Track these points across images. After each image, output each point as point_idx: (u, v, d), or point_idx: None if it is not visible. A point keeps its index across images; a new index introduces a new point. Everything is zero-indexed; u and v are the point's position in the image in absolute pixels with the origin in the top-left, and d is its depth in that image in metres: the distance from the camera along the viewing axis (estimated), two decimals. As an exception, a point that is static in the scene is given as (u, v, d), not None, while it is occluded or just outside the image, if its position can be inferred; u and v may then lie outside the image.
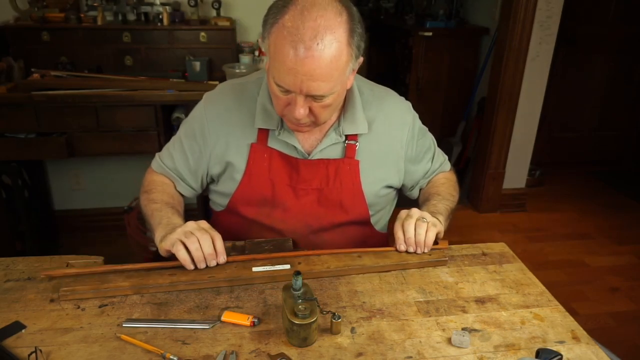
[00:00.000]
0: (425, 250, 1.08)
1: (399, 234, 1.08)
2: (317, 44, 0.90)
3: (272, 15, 0.95)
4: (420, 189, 1.32)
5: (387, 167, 1.21)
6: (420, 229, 1.06)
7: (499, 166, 3.19)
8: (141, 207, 1.16)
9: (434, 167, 1.31)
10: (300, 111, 0.98)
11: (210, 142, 1.17)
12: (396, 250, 1.09)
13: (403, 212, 1.10)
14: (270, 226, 1.19)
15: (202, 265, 1.00)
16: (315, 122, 1.05)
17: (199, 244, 0.99)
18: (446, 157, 1.36)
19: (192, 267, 1.00)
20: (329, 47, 0.91)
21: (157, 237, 1.04)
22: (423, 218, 1.07)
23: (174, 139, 1.24)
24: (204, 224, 1.03)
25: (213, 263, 1.01)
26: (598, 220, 3.22)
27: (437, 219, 1.11)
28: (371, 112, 1.18)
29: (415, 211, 1.09)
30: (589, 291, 2.51)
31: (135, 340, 0.83)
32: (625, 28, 3.67)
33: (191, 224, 1.02)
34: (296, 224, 1.18)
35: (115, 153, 2.26)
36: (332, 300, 0.96)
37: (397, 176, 1.24)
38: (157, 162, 1.25)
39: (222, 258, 1.02)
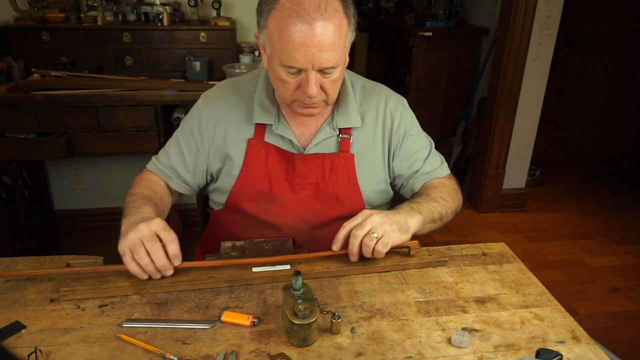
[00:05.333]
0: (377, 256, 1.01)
1: (341, 234, 1.00)
2: (322, 14, 0.93)
3: (266, 4, 0.98)
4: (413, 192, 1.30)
5: (380, 161, 1.21)
6: (366, 247, 0.99)
7: (499, 166, 3.19)
8: None
9: (424, 169, 1.24)
10: (314, 87, 0.99)
11: (208, 138, 1.17)
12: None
13: (360, 215, 1.01)
14: (268, 222, 1.19)
15: (157, 276, 0.95)
16: (326, 101, 1.06)
17: (148, 257, 0.92)
18: (445, 163, 1.29)
19: (145, 277, 0.95)
20: (332, 16, 0.94)
21: (121, 233, 0.97)
22: (374, 234, 0.98)
23: (170, 139, 1.24)
24: (156, 224, 0.94)
25: (169, 273, 0.96)
26: (598, 220, 3.22)
27: (412, 217, 1.04)
28: (363, 106, 1.19)
29: (372, 220, 0.99)
30: (589, 291, 2.51)
31: (135, 340, 0.83)
32: (625, 28, 3.67)
33: (142, 229, 0.92)
34: (294, 220, 1.18)
35: (115, 153, 2.25)
36: (332, 300, 0.96)
37: (386, 170, 1.24)
38: (152, 162, 1.24)
39: (177, 261, 0.95)
